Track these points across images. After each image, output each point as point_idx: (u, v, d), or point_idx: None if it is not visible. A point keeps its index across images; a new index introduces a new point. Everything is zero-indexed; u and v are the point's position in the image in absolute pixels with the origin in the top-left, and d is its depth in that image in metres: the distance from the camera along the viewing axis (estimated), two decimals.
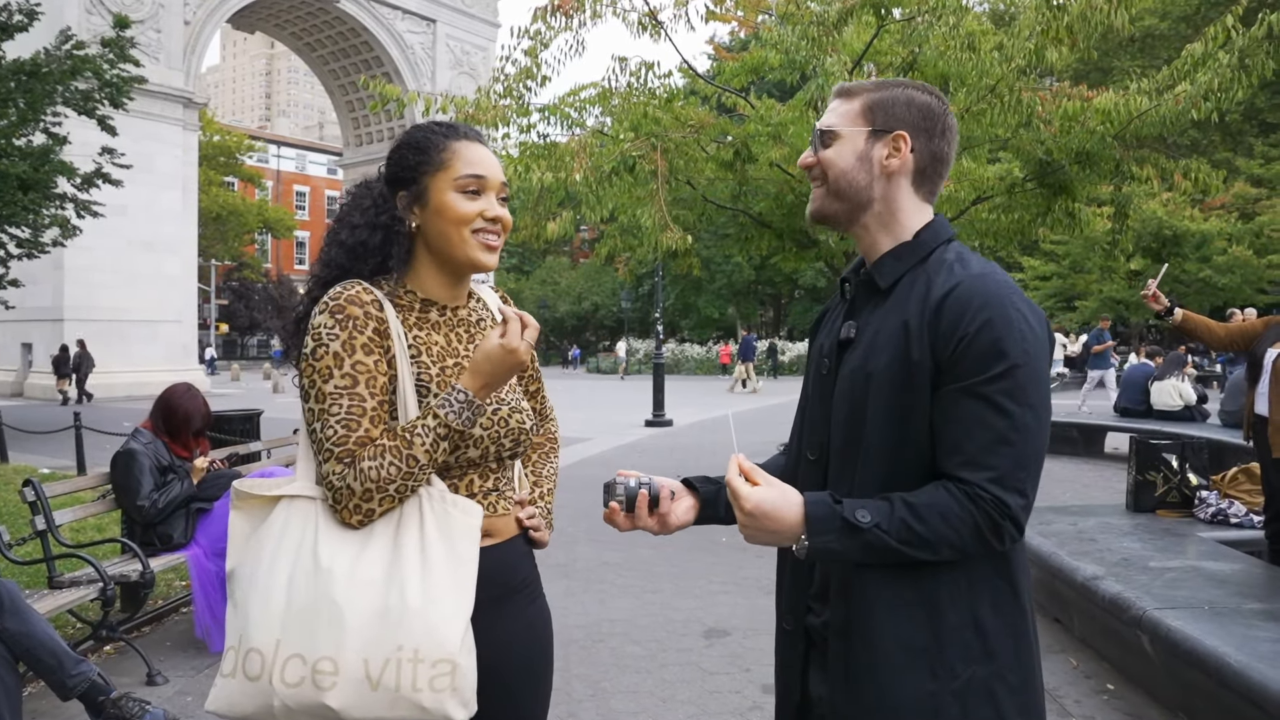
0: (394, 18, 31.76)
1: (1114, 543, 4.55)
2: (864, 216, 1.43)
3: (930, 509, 1.26)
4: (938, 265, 1.37)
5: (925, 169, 1.43)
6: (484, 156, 1.57)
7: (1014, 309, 1.28)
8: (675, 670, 4.12)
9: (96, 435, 9.68)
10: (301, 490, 1.48)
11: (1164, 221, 23.73)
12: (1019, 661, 1.32)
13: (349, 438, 1.41)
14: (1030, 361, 1.27)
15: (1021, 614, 1.33)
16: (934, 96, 1.45)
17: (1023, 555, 1.36)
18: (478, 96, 7.70)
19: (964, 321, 1.27)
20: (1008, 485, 1.25)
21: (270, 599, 1.41)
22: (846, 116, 1.44)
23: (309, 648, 1.37)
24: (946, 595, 1.30)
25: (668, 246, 6.90)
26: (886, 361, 1.32)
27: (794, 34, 7.08)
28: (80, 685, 3.09)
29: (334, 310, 1.45)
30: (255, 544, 1.48)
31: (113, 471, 4.35)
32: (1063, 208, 7.81)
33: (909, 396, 1.30)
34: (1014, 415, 1.25)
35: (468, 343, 1.60)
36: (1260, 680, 2.79)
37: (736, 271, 40.18)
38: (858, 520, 1.25)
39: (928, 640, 1.30)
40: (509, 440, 1.58)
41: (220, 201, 43.52)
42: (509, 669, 1.57)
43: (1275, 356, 4.15)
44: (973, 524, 1.25)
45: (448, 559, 1.43)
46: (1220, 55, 6.65)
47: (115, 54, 13.81)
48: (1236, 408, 8.86)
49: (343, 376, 1.43)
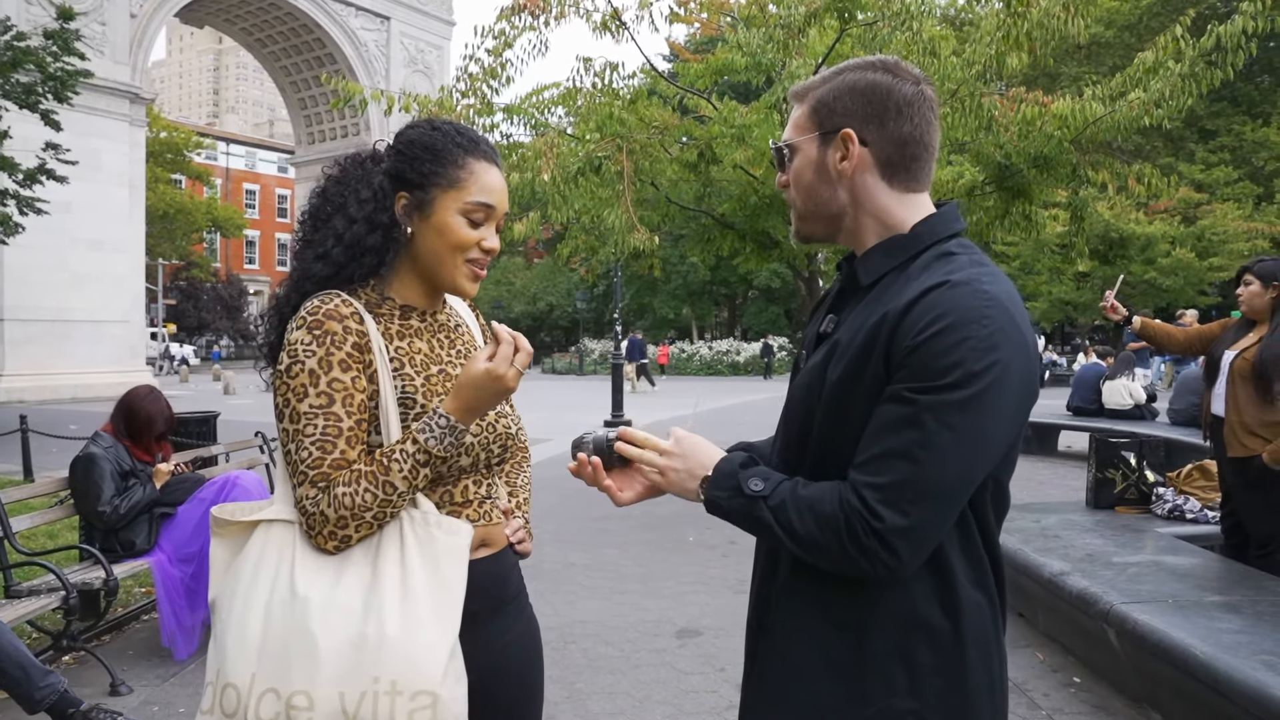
0: (347, 14, 31.34)
1: (1077, 539, 4.65)
2: (843, 225, 1.33)
3: (808, 502, 1.19)
4: (923, 266, 1.24)
5: (890, 158, 1.28)
6: (498, 183, 1.51)
7: (984, 325, 1.13)
8: (650, 671, 4.12)
9: (42, 439, 9.42)
10: (279, 514, 1.41)
11: (1111, 224, 24.31)
12: (946, 704, 1.22)
13: (324, 460, 1.35)
14: (980, 385, 1.12)
15: (963, 659, 1.22)
16: (884, 71, 1.29)
17: (981, 607, 1.25)
18: (441, 95, 7.64)
19: (920, 325, 1.14)
20: (887, 499, 1.13)
21: (246, 631, 1.35)
22: (797, 125, 1.34)
23: (283, 681, 1.31)
24: (878, 624, 1.22)
25: (634, 247, 6.90)
26: (845, 367, 1.22)
27: (759, 36, 7.13)
28: (49, 698, 3.00)
29: (311, 326, 1.38)
30: (233, 572, 1.42)
31: (72, 476, 4.23)
32: (1020, 211, 7.97)
33: (856, 407, 1.20)
34: (930, 432, 1.12)
35: (449, 348, 1.55)
36: (1225, 670, 2.87)
37: (692, 272, 40.33)
38: (749, 486, 1.23)
39: (849, 660, 1.24)
40: (497, 446, 1.55)
41: (168, 199, 42.59)
42: (507, 679, 1.56)
43: (1232, 358, 4.26)
44: (837, 531, 1.15)
45: (430, 583, 1.37)
46: (1170, 64, 6.84)
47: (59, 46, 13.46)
48: (1184, 406, 9.11)
49: (318, 395, 1.36)
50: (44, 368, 21.85)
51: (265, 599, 1.36)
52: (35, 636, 4.27)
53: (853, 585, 1.23)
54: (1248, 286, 4.29)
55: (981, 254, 1.28)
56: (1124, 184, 7.74)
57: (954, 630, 1.22)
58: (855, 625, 1.24)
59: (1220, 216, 26.07)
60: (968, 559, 1.24)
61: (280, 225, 61.77)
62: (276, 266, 62.28)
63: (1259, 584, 3.80)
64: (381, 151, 1.54)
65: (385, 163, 1.51)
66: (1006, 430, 1.18)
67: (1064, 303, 28.25)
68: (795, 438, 1.33)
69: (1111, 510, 5.33)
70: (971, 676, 1.23)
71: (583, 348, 41.33)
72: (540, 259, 49.85)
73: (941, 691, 1.22)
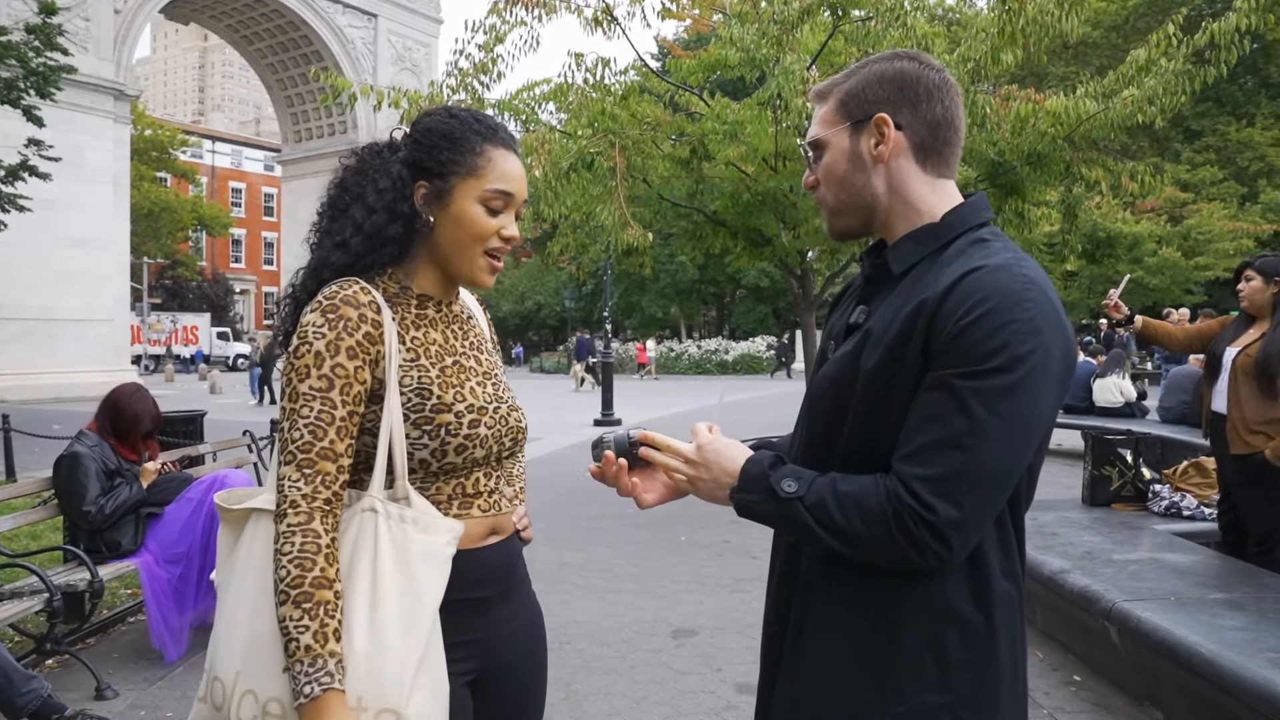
0: (334, 11, 31.16)
1: (1075, 536, 4.63)
2: (878, 215, 1.32)
3: (851, 498, 1.17)
4: (957, 252, 1.23)
5: (924, 141, 1.29)
6: (516, 170, 1.50)
7: (1026, 308, 1.12)
8: (646, 671, 4.07)
9: (25, 439, 9.30)
10: (268, 503, 1.40)
11: (1099, 224, 24.44)
12: (978, 699, 1.21)
13: (313, 446, 1.34)
14: (1025, 369, 1.11)
15: (994, 652, 1.21)
16: (909, 59, 1.31)
17: (1012, 598, 1.24)
18: (431, 91, 7.57)
19: (961, 310, 1.13)
20: (939, 491, 1.11)
21: (234, 625, 1.37)
22: (825, 120, 1.34)
23: (261, 684, 1.32)
24: (909, 617, 1.20)
25: (628, 244, 6.85)
26: (882, 357, 1.20)
27: (753, 32, 7.09)
28: (31, 704, 2.92)
29: (326, 310, 1.37)
30: (231, 559, 1.44)
31: (56, 476, 4.14)
32: (1013, 208, 7.94)
33: (894, 397, 1.18)
34: (978, 419, 1.11)
35: (462, 339, 1.55)
36: (1231, 668, 2.85)
37: (680, 271, 40.34)
38: (782, 488, 1.21)
39: (880, 656, 1.22)
40: (509, 439, 1.55)
41: (153, 197, 42.29)
42: (516, 662, 1.59)
43: (1234, 355, 4.24)
44: (885, 525, 1.13)
45: (401, 590, 1.34)
46: (1163, 62, 6.84)
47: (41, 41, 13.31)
48: (1174, 404, 9.13)
49: (320, 378, 1.35)
50: (27, 367, 21.62)
51: (254, 594, 1.36)
52: (18, 640, 4.18)
53: (882, 579, 1.21)
54: (1249, 282, 4.27)
55: (1013, 243, 1.26)
56: (1117, 181, 7.73)
57: (987, 623, 1.21)
58: (886, 620, 1.22)
59: (1206, 216, 26.29)
60: (1002, 549, 1.23)
61: (267, 224, 61.39)
62: (263, 265, 61.96)
63: (1260, 581, 3.79)
64: (399, 140, 1.53)
65: (403, 152, 1.50)
66: (1050, 414, 1.17)
67: None
68: (822, 432, 1.30)
69: (1108, 508, 5.33)
70: (1001, 669, 1.22)
71: (569, 347, 41.29)
72: (529, 258, 49.79)
73: (973, 685, 1.21)
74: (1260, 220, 26.66)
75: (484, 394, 1.50)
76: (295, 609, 1.26)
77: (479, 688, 1.51)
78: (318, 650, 1.26)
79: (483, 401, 1.48)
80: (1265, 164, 29.62)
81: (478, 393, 1.49)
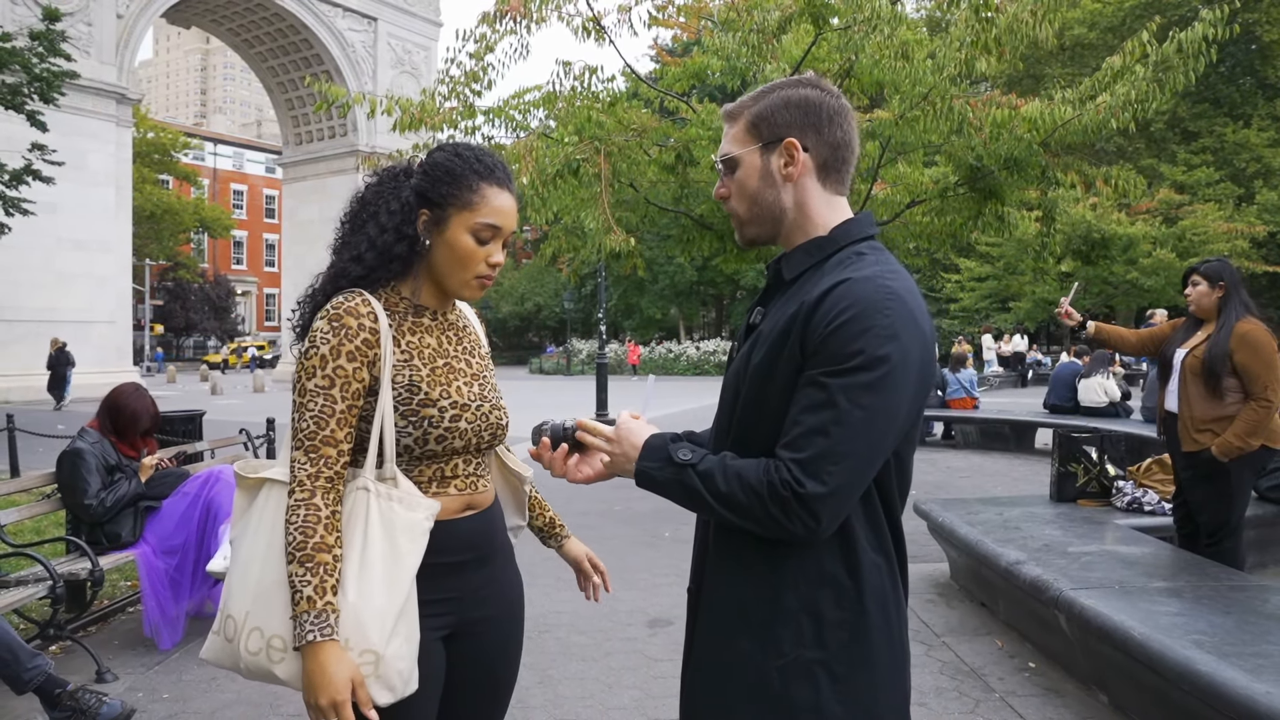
0: (334, 15, 31.36)
1: (1036, 530, 4.80)
2: (784, 227, 1.48)
3: (734, 470, 1.33)
4: (837, 263, 1.40)
5: (827, 162, 1.45)
6: (507, 206, 1.71)
7: (885, 314, 1.29)
8: (620, 658, 4.25)
9: (29, 438, 9.49)
10: (281, 475, 1.65)
11: (1093, 225, 24.54)
12: (849, 654, 1.36)
13: (317, 434, 1.58)
14: (884, 369, 1.28)
15: (863, 613, 1.36)
16: (813, 87, 1.46)
17: (879, 567, 1.39)
18: (423, 98, 7.74)
19: (830, 316, 1.30)
20: (809, 470, 1.27)
21: (247, 572, 1.62)
22: (736, 139, 1.48)
23: (267, 623, 1.56)
24: (790, 580, 1.36)
25: (611, 248, 7.02)
26: (765, 354, 1.38)
27: (735, 41, 7.26)
28: (36, 679, 3.12)
29: (332, 319, 1.61)
30: (245, 519, 1.68)
31: (59, 471, 4.34)
32: (993, 211, 8.11)
33: (772, 389, 1.36)
34: (843, 410, 1.27)
35: (455, 344, 1.77)
36: (1159, 649, 3.01)
37: (679, 272, 40.49)
38: (678, 455, 1.38)
39: (764, 615, 1.38)
40: (488, 434, 1.77)
41: (155, 200, 42.53)
42: (496, 618, 1.80)
43: (1183, 356, 4.42)
44: (762, 496, 1.29)
45: (385, 555, 1.58)
46: (1137, 68, 7.01)
47: (45, 47, 13.50)
48: (1155, 404, 9.28)
49: (323, 378, 1.59)
50: (30, 368, 21.84)
51: (264, 548, 1.61)
52: (22, 626, 4.37)
53: (768, 548, 1.38)
54: (1195, 287, 4.45)
55: (889, 255, 1.44)
56: (1092, 184, 7.90)
57: (856, 587, 1.37)
58: (769, 584, 1.38)
59: (1201, 217, 26.29)
60: (870, 525, 1.40)
61: (268, 225, 61.62)
62: (264, 267, 62.14)
63: (1203, 570, 3.96)
64: (414, 168, 1.75)
65: (414, 179, 1.72)
66: (909, 409, 1.34)
67: (1047, 302, 28.45)
68: (724, 422, 1.49)
69: (1073, 503, 5.49)
70: (872, 629, 1.38)
71: (570, 348, 41.42)
72: (528, 259, 49.93)
73: (845, 643, 1.36)
74: (1256, 221, 26.67)
75: (469, 393, 1.72)
76: (300, 567, 1.52)
77: (453, 641, 1.72)
78: (318, 600, 1.50)
79: (466, 399, 1.71)
80: (1261, 165, 29.68)
81: (463, 391, 1.71)
